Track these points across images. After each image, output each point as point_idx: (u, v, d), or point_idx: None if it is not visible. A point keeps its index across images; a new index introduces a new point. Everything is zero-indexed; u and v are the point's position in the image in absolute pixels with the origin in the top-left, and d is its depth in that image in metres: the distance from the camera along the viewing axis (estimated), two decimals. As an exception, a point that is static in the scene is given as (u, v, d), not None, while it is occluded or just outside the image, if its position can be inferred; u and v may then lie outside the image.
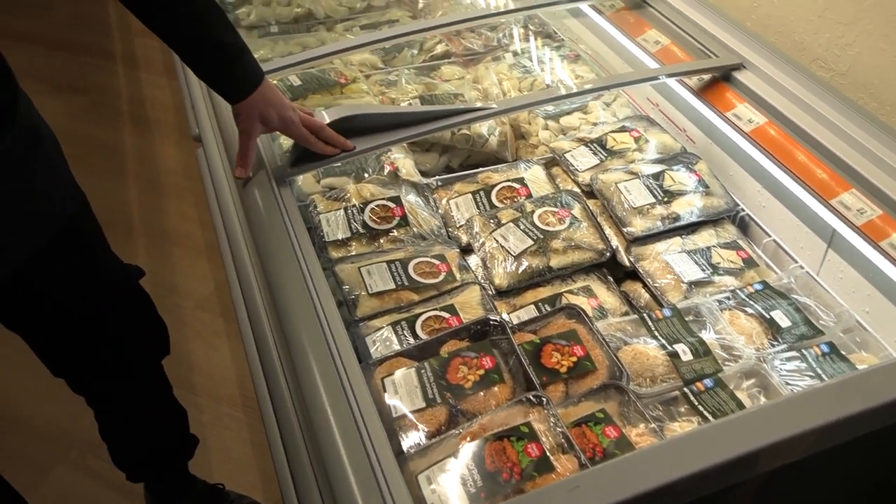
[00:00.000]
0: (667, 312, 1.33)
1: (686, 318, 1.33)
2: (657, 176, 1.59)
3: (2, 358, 2.39)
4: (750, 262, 1.47)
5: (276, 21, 2.34)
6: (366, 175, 1.65)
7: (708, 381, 1.22)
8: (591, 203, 1.58)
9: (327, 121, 1.40)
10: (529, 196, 1.60)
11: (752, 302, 1.36)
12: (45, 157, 1.26)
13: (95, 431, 1.71)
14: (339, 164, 1.60)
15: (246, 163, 1.39)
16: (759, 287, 1.39)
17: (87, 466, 2.14)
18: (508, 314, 1.38)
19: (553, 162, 1.74)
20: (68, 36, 4.23)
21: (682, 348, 1.26)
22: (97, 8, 4.41)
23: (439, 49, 2.20)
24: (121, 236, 2.90)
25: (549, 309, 1.36)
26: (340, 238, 1.47)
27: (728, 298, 1.37)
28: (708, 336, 1.30)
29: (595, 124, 1.84)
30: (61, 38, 4.21)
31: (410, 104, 1.84)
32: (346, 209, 1.52)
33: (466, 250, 1.53)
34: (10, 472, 1.55)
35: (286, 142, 1.52)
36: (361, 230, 1.48)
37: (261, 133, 1.37)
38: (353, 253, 1.46)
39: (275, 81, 1.81)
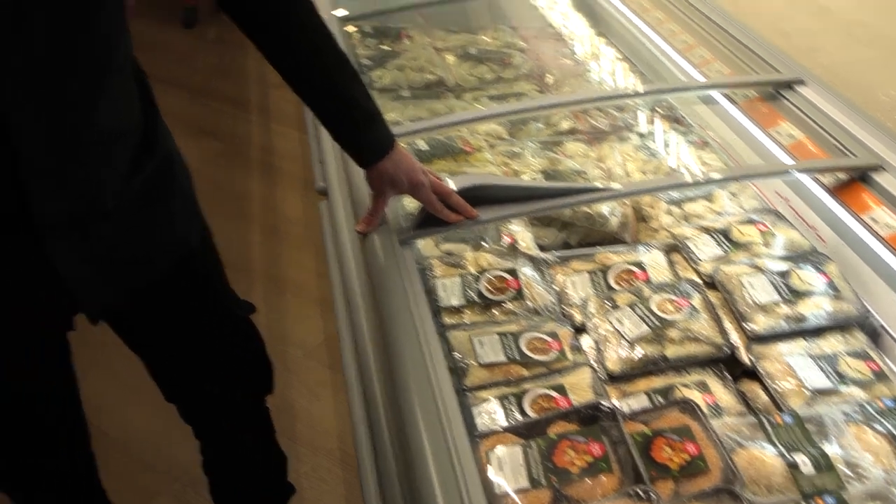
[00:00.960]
0: (787, 419, 1.27)
1: (807, 427, 1.26)
2: (784, 274, 1.53)
3: (118, 380, 2.48)
4: (881, 376, 1.39)
5: (409, 86, 2.41)
6: (484, 244, 1.67)
7: (829, 499, 1.14)
8: (711, 295, 1.54)
9: (454, 188, 1.43)
10: (648, 281, 1.58)
11: (881, 419, 1.27)
12: (179, 185, 1.33)
13: (199, 467, 1.75)
14: (459, 231, 1.62)
15: (372, 222, 1.43)
16: (890, 404, 1.31)
17: (187, 501, 2.18)
18: (618, 400, 1.35)
19: (673, 248, 1.71)
20: (209, 84, 4.50)
21: (802, 459, 1.20)
22: (238, 59, 4.68)
23: (565, 125, 2.22)
24: (240, 280, 3.00)
25: (661, 400, 1.32)
26: (455, 304, 1.48)
27: (855, 412, 1.30)
28: (831, 449, 1.23)
29: (720, 214, 1.81)
30: (203, 85, 4.47)
31: (535, 178, 1.85)
32: (462, 276, 1.53)
33: (579, 330, 1.51)
34: (113, 496, 1.61)
35: (410, 203, 1.55)
36: (476, 299, 1.49)
37: (392, 195, 1.41)
38: (466, 321, 1.46)
39: (402, 144, 1.87)
